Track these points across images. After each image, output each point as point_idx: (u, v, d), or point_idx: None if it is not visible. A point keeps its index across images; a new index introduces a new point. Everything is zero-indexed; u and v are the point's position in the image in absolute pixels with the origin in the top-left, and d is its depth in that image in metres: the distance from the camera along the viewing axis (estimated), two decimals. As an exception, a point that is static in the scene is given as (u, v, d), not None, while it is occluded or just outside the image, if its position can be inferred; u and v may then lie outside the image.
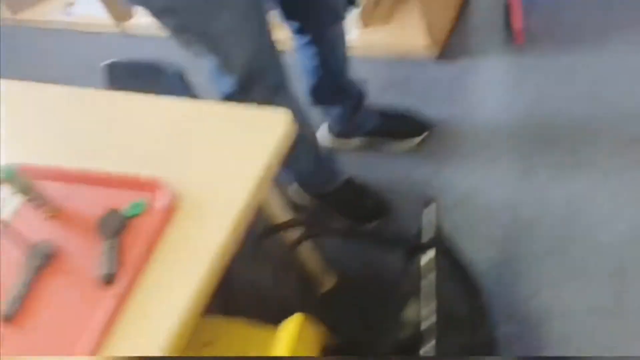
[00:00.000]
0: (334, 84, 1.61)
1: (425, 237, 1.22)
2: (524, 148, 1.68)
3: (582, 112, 1.69)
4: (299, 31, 1.47)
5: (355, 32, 2.04)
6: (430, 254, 1.16)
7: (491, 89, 1.84)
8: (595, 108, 1.68)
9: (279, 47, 1.28)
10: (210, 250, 0.98)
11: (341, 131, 1.77)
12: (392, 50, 2.01)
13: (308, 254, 1.41)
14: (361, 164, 1.78)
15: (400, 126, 1.76)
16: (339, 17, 1.46)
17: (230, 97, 1.24)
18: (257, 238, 1.18)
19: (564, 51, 1.84)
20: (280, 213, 1.28)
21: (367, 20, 2.04)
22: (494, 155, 1.69)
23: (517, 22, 1.89)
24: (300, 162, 1.52)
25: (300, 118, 1.41)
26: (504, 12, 1.99)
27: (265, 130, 1.14)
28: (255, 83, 1.24)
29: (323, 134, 1.81)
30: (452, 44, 2.00)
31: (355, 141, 1.78)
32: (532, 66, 1.84)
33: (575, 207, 1.53)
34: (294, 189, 1.68)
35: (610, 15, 1.88)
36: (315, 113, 1.72)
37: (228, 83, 1.23)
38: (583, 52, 1.82)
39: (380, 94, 1.90)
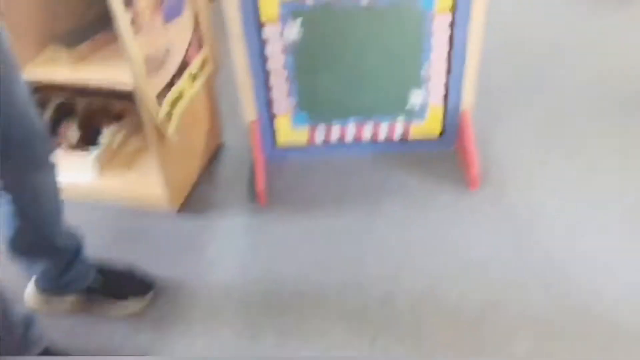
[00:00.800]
0: (38, 236, 1.39)
1: None
2: (253, 314, 1.58)
3: (313, 278, 1.67)
4: (-11, 175, 1.26)
5: (91, 176, 1.87)
6: None
7: (228, 249, 1.76)
8: (326, 275, 1.67)
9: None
10: None
11: (50, 289, 1.52)
12: (129, 199, 1.86)
13: None
14: (71, 329, 1.53)
15: (121, 286, 1.57)
16: (41, 164, 1.29)
17: None
18: None
19: (302, 216, 1.85)
20: None
21: (105, 165, 1.90)
22: (222, 321, 1.57)
23: (261, 183, 1.89)
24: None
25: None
26: (250, 171, 2.00)
27: None
28: None
29: (29, 292, 1.55)
30: (194, 198, 1.92)
31: (67, 301, 1.55)
32: (271, 229, 1.82)
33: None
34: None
35: (347, 182, 1.97)
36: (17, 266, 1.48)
37: None
38: (320, 218, 1.84)
39: (107, 247, 1.73)
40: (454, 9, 1.80)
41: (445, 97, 1.98)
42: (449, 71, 1.93)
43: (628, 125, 2.14)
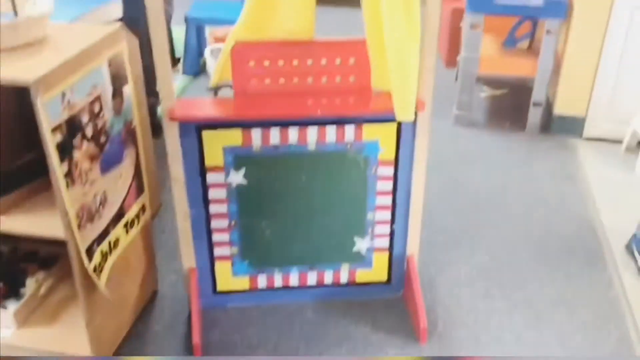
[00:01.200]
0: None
1: None
2: None
3: None
4: None
5: (8, 331, 1.70)
6: None
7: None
8: None
9: None
10: None
11: None
12: (51, 355, 1.68)
13: None
14: None
15: None
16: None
17: None
18: None
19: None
20: None
21: (24, 318, 1.73)
22: None
23: (196, 336, 1.76)
24: None
25: None
26: (186, 322, 1.87)
27: None
28: None
29: None
30: (123, 355, 1.76)
31: None
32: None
33: None
34: None
35: (289, 332, 1.86)
36: None
37: None
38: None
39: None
40: (396, 159, 1.82)
41: (391, 243, 1.96)
42: (393, 218, 1.92)
43: (568, 273, 2.15)
